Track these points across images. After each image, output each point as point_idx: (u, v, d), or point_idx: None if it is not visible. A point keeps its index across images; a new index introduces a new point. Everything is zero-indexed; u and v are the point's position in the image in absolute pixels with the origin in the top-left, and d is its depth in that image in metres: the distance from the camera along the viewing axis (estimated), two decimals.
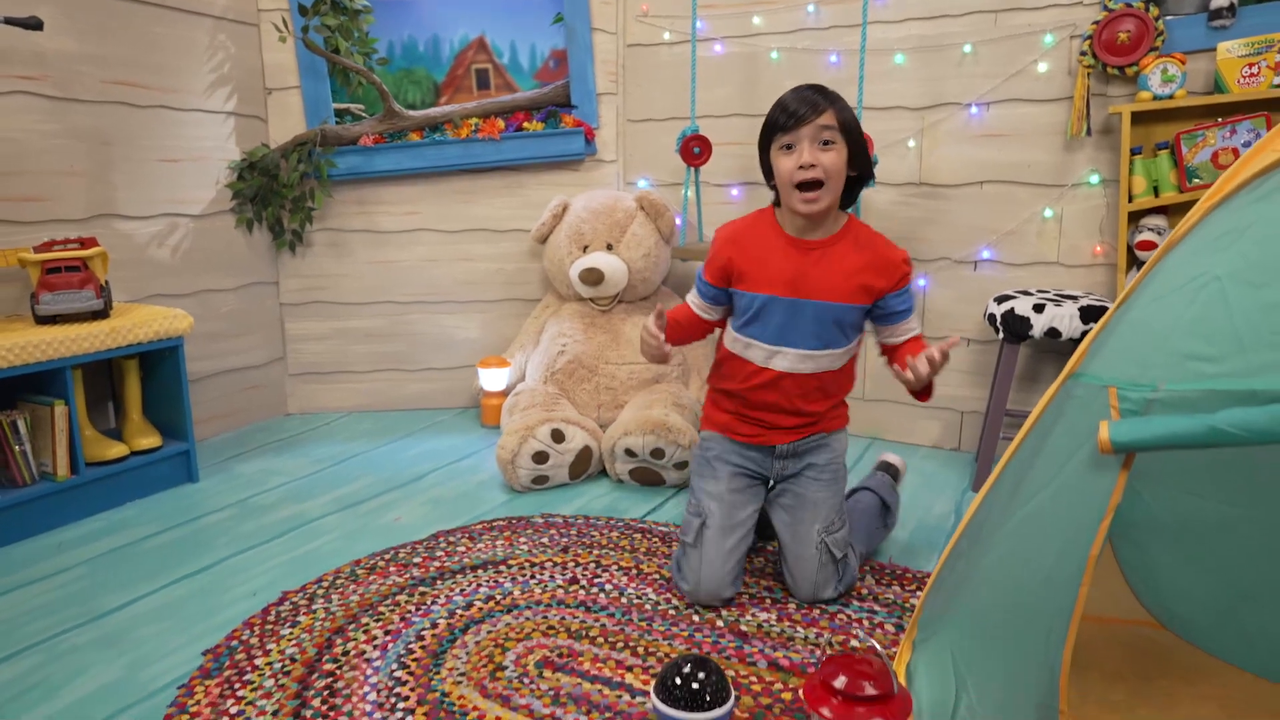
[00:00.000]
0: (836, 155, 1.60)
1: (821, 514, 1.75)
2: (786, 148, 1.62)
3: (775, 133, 1.63)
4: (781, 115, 1.62)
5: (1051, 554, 1.04)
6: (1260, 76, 2.15)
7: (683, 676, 1.29)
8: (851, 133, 1.63)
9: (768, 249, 1.71)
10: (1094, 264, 2.48)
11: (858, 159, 1.65)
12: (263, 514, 2.24)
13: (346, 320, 3.12)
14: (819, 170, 1.58)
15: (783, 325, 1.71)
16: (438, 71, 3.24)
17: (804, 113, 1.59)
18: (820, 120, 1.59)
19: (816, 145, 1.59)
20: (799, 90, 1.64)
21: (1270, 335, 0.92)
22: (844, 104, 1.64)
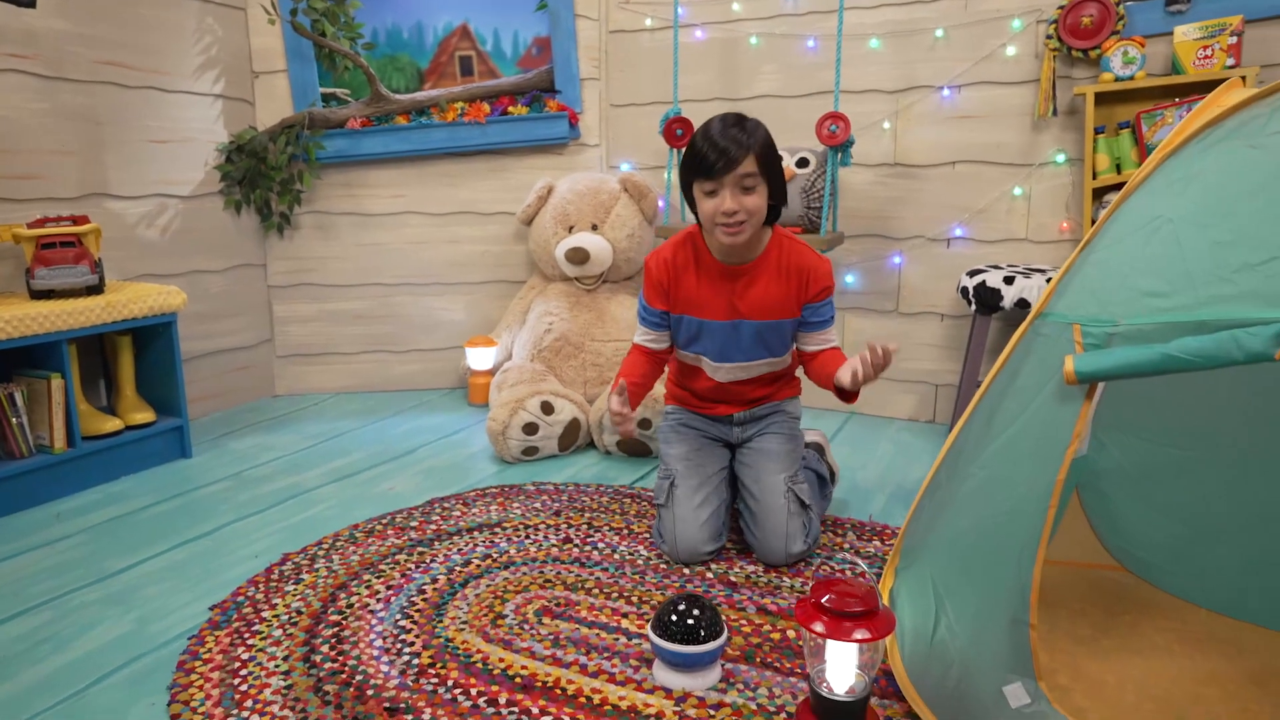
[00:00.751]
0: (757, 197, 1.64)
1: (785, 464, 1.83)
2: (709, 188, 1.64)
3: (698, 176, 1.64)
4: (704, 163, 1.61)
5: (1022, 481, 1.13)
6: (1214, 59, 2.26)
7: (678, 613, 1.36)
8: (770, 169, 1.65)
9: (701, 276, 1.77)
10: (1061, 240, 2.59)
11: (776, 191, 1.68)
12: (259, 485, 2.29)
13: (334, 302, 3.16)
14: (741, 214, 1.62)
15: (724, 344, 1.82)
16: (421, 58, 3.29)
17: (728, 162, 1.59)
18: (741, 169, 1.60)
19: (738, 190, 1.62)
20: (723, 129, 1.62)
21: (1217, 271, 1.01)
22: (762, 140, 1.64)
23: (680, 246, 1.81)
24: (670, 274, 1.80)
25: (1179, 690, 1.36)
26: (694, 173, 1.66)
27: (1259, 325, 0.95)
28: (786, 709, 1.32)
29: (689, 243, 1.81)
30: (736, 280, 1.76)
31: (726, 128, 1.63)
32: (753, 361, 1.84)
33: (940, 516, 1.23)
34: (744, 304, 1.77)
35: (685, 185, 1.72)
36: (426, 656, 1.46)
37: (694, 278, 1.79)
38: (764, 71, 2.92)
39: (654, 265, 1.82)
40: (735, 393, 1.89)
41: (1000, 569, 1.14)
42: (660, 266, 1.81)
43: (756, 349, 1.82)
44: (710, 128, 1.65)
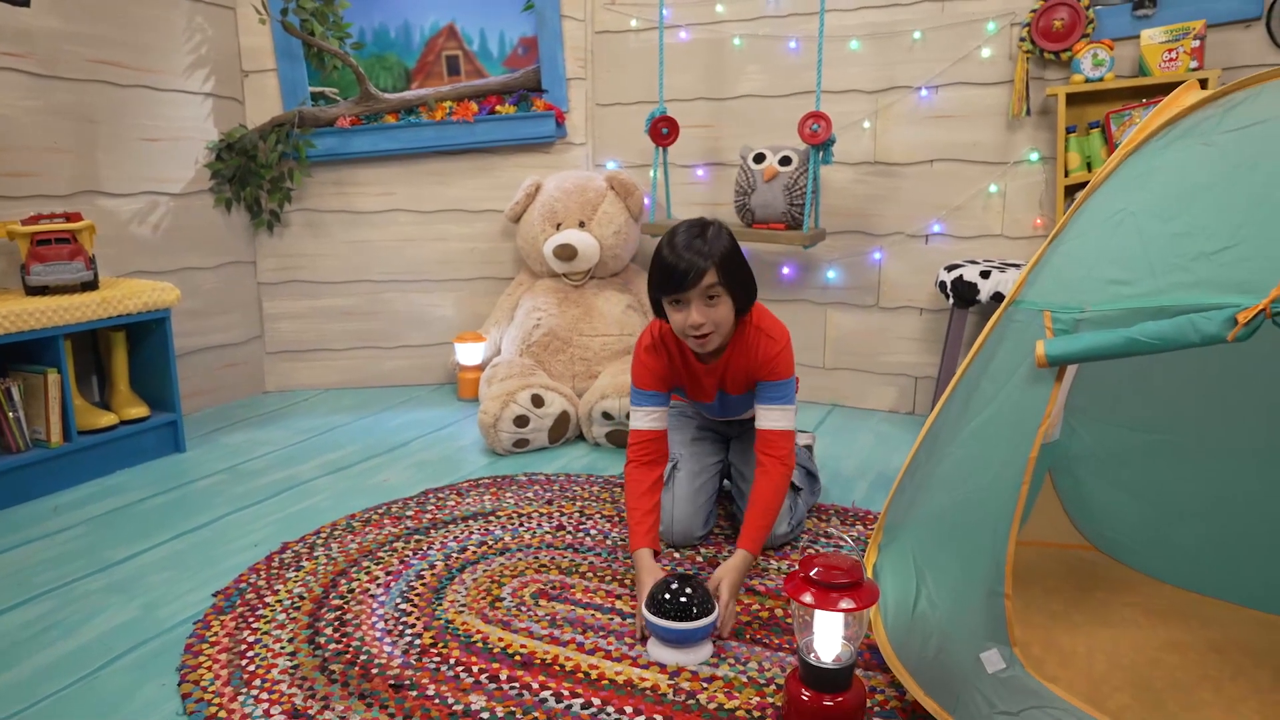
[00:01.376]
0: (723, 307, 1.66)
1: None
2: (676, 301, 1.67)
3: (664, 291, 1.67)
4: (670, 276, 1.63)
5: (997, 458, 1.19)
6: (1178, 61, 2.35)
7: (671, 592, 1.42)
8: (732, 276, 1.67)
9: (686, 368, 1.83)
10: (1034, 235, 2.67)
11: (740, 295, 1.70)
12: (254, 478, 2.32)
13: (323, 299, 3.19)
14: (708, 325, 1.65)
15: (714, 411, 1.96)
16: (409, 58, 3.33)
17: (693, 275, 1.61)
18: (704, 283, 1.62)
19: (703, 303, 1.64)
20: (686, 242, 1.64)
21: (1175, 259, 1.09)
22: (723, 250, 1.65)
23: (664, 340, 1.83)
24: (665, 369, 1.82)
25: (1144, 658, 1.44)
26: (660, 288, 1.68)
27: (1214, 310, 1.02)
28: (776, 681, 1.38)
29: (671, 338, 1.82)
30: (714, 372, 1.82)
31: (690, 239, 1.64)
32: (741, 415, 1.98)
33: (920, 495, 1.30)
34: (724, 384, 1.83)
35: (654, 299, 1.74)
36: (428, 637, 1.52)
37: (682, 368, 1.84)
38: (747, 72, 2.98)
39: (647, 358, 1.82)
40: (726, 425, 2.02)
41: (977, 543, 1.21)
42: (654, 359, 1.82)
43: (740, 408, 1.92)
44: (674, 240, 1.65)
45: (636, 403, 1.80)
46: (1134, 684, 1.37)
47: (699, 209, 3.11)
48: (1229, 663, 1.43)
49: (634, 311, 2.98)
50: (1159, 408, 1.66)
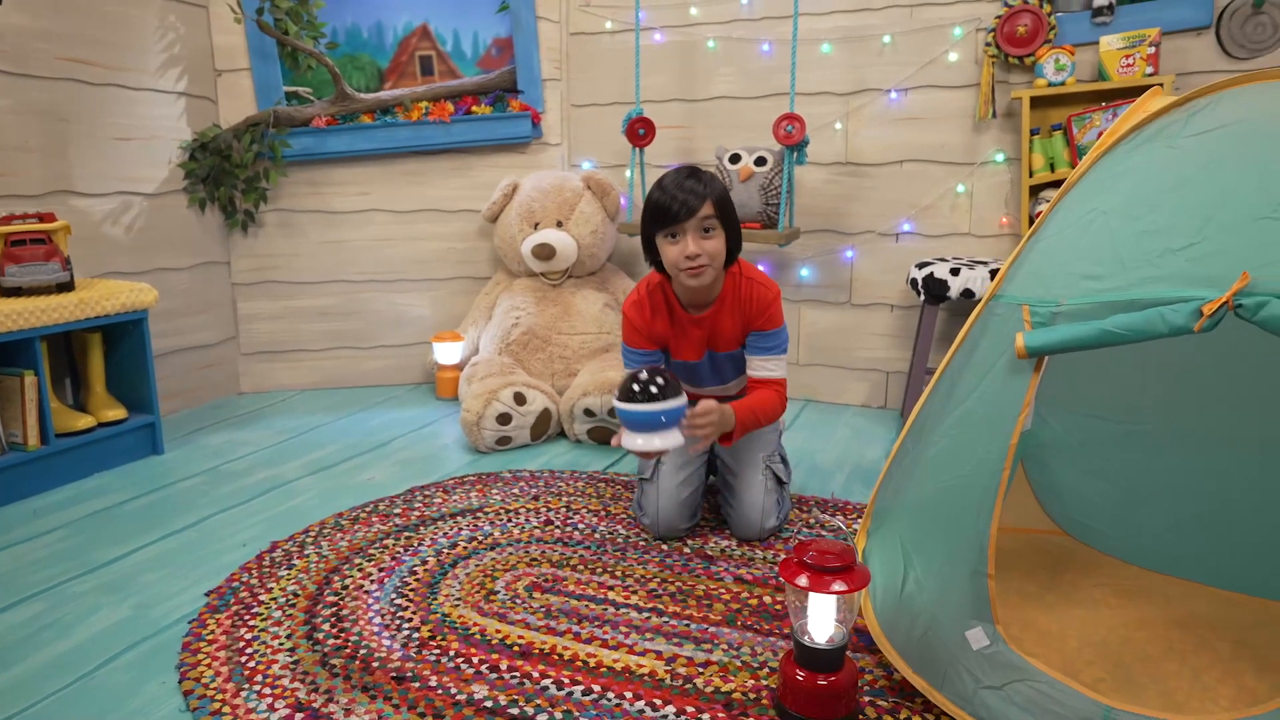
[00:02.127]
0: (717, 241, 1.73)
1: (762, 443, 1.95)
2: (671, 236, 1.73)
3: (661, 224, 1.73)
4: (667, 210, 1.70)
5: (980, 445, 1.26)
6: (1135, 66, 2.46)
7: (640, 381, 1.52)
8: (727, 214, 1.76)
9: (674, 324, 1.88)
10: (1000, 234, 2.76)
11: (732, 236, 1.78)
12: (237, 479, 2.32)
13: (299, 299, 3.18)
14: (704, 257, 1.72)
15: (699, 373, 1.97)
16: (382, 58, 3.33)
17: (690, 206, 1.69)
18: (702, 213, 1.70)
19: (699, 234, 1.71)
20: (680, 181, 1.72)
21: (1144, 256, 1.15)
22: (719, 188, 1.75)
23: (651, 294, 1.88)
24: (649, 323, 1.88)
25: (1114, 635, 1.51)
26: (656, 222, 1.73)
27: (1180, 303, 1.09)
28: (769, 664, 1.43)
29: (658, 291, 1.88)
30: (702, 325, 1.87)
31: (683, 179, 1.72)
32: (726, 384, 2.00)
33: (907, 481, 1.36)
34: (713, 340, 1.88)
35: (647, 237, 1.79)
36: (426, 630, 1.54)
37: (667, 324, 1.88)
38: (721, 74, 3.04)
39: (633, 313, 1.88)
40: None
41: (961, 526, 1.27)
42: (639, 314, 1.87)
43: (728, 373, 1.97)
44: (666, 181, 1.73)
45: (628, 364, 1.87)
46: (1106, 659, 1.44)
47: None
48: (1192, 636, 1.51)
49: (611, 310, 3.02)
50: (1125, 398, 1.74)
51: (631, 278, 3.17)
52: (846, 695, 1.28)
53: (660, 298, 1.87)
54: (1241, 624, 1.54)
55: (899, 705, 1.33)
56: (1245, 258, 1.07)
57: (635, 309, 1.88)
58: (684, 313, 1.86)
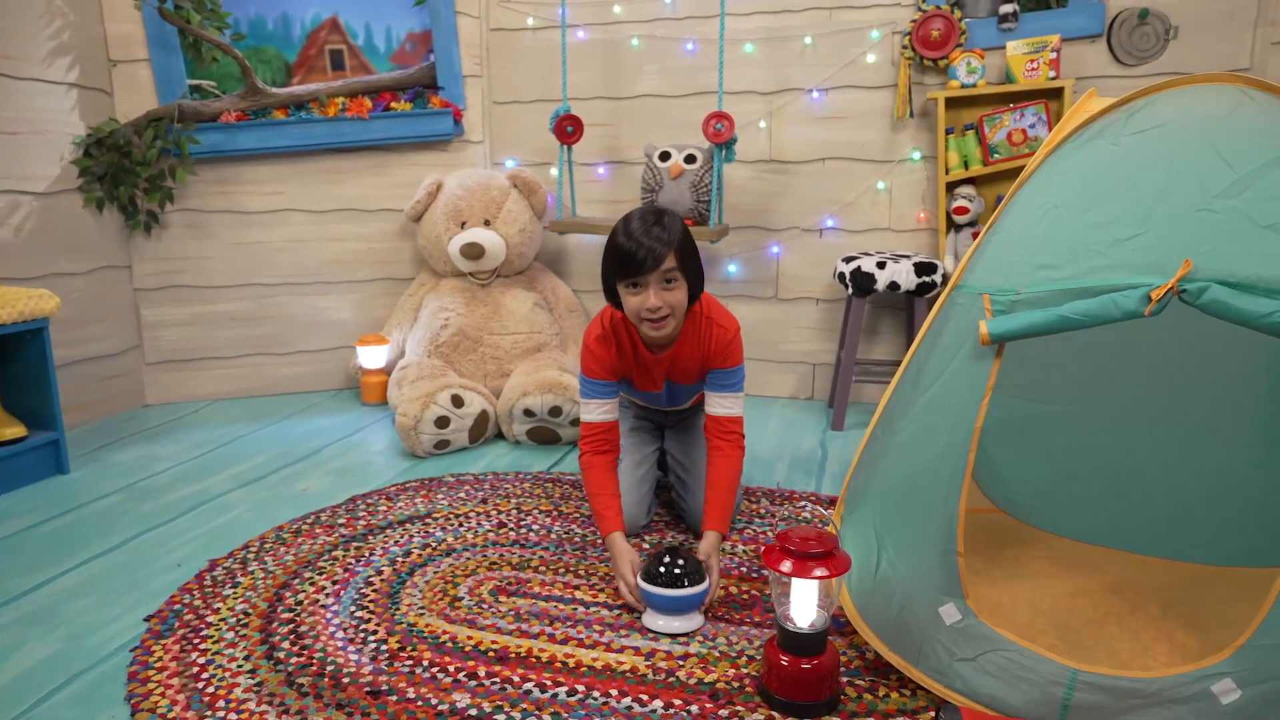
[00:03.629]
0: (679, 291, 1.69)
1: None
2: (633, 285, 1.68)
3: (622, 275, 1.68)
4: (629, 261, 1.65)
5: (946, 428, 1.31)
6: (1039, 71, 2.61)
7: (665, 564, 1.50)
8: (689, 262, 1.71)
9: (638, 360, 1.86)
10: (919, 229, 2.89)
11: (694, 281, 1.74)
12: (159, 495, 2.17)
13: (209, 305, 3.01)
14: (665, 309, 1.68)
15: (660, 401, 2.00)
16: (289, 51, 3.19)
17: (651, 261, 1.64)
18: (664, 267, 1.65)
19: (661, 286, 1.67)
20: (644, 229, 1.66)
21: (1095, 246, 1.23)
22: (681, 235, 1.69)
23: (615, 329, 1.85)
24: (613, 360, 1.84)
25: (1058, 604, 1.61)
26: (618, 273, 1.69)
27: (1130, 289, 1.17)
28: (746, 653, 1.46)
29: (621, 327, 1.84)
30: (664, 362, 1.86)
31: (648, 226, 1.66)
32: (681, 405, 2.03)
33: (877, 467, 1.41)
34: (673, 373, 1.88)
35: (608, 283, 1.75)
36: (394, 642, 1.49)
37: (631, 359, 1.87)
38: (645, 72, 3.05)
39: (597, 348, 1.83)
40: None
41: (931, 507, 1.32)
42: (604, 349, 1.83)
43: (684, 397, 1.99)
44: (631, 226, 1.67)
45: (587, 394, 1.82)
46: (1055, 626, 1.53)
47: (601, 206, 3.16)
48: (1125, 600, 1.62)
49: (541, 309, 2.99)
50: (1055, 381, 1.85)
51: (559, 276, 3.15)
52: (829, 678, 1.31)
53: (624, 333, 1.84)
54: (1166, 585, 1.66)
55: (876, 683, 1.38)
56: (1186, 246, 1.16)
57: (600, 344, 1.82)
58: (646, 352, 1.84)
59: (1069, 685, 1.24)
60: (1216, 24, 2.57)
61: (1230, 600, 1.59)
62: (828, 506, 2.08)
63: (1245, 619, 1.50)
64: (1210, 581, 1.67)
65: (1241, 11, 2.55)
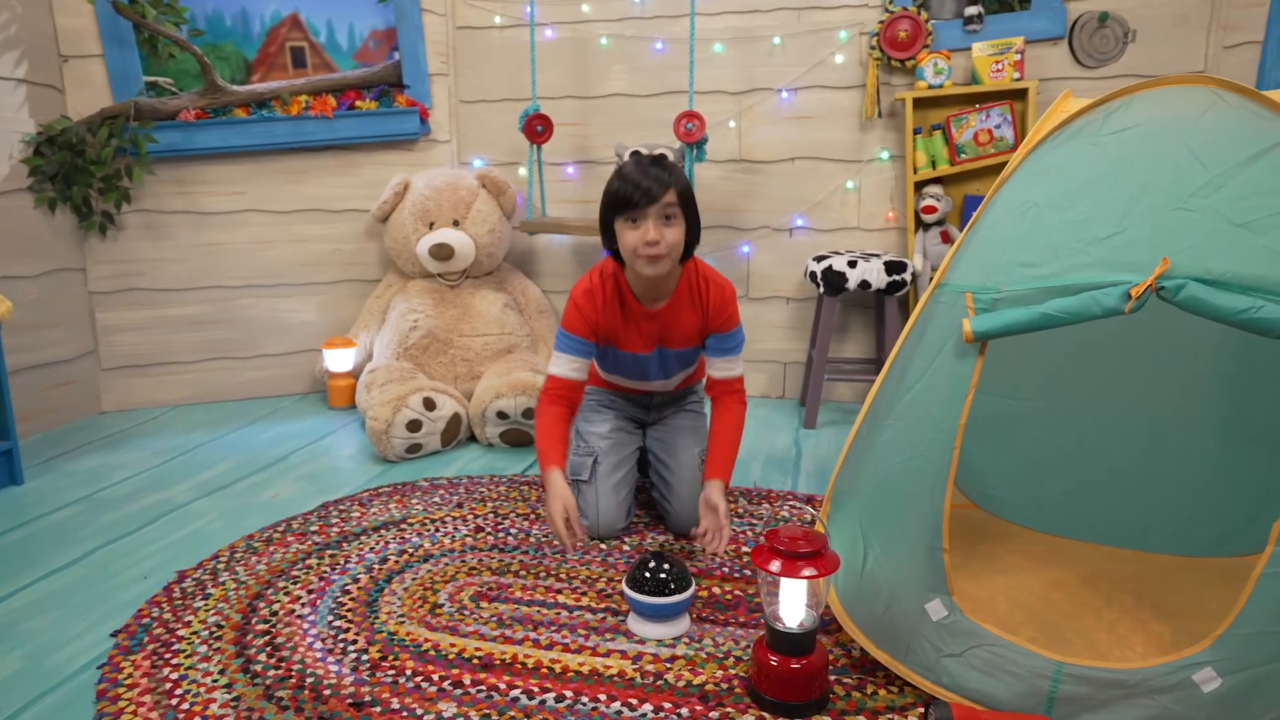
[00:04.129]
0: (677, 230, 1.71)
1: (697, 438, 1.98)
2: (632, 220, 1.70)
3: (622, 208, 1.70)
4: (630, 193, 1.68)
5: (931, 425, 1.32)
6: (1004, 72, 2.66)
7: (650, 570, 1.47)
8: (688, 205, 1.74)
9: (626, 316, 1.84)
10: (887, 228, 2.92)
11: (693, 227, 1.77)
12: (120, 506, 2.10)
13: (168, 308, 2.93)
14: (663, 245, 1.69)
15: (647, 369, 1.94)
16: (248, 48, 3.12)
17: (653, 192, 1.67)
18: (664, 200, 1.68)
19: (660, 221, 1.69)
20: (644, 166, 1.71)
21: (1075, 244, 1.25)
22: (682, 176, 1.74)
23: (604, 283, 1.83)
24: (599, 312, 1.83)
25: (1035, 597, 1.63)
26: (617, 207, 1.71)
27: (1110, 287, 1.19)
28: (733, 654, 1.45)
29: (611, 281, 1.83)
30: (657, 318, 1.85)
31: (647, 166, 1.70)
32: (670, 379, 2.00)
33: (863, 464, 1.41)
34: (667, 339, 1.87)
35: (606, 221, 1.76)
36: (375, 651, 1.46)
37: (619, 317, 1.85)
38: (614, 71, 3.04)
39: (584, 301, 1.82)
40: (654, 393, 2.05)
41: (916, 504, 1.33)
42: (589, 302, 1.82)
43: (675, 369, 1.96)
44: (631, 166, 1.71)
45: (561, 348, 1.82)
46: (1034, 619, 1.55)
47: (571, 206, 3.14)
48: (1099, 593, 1.65)
49: (511, 310, 2.96)
50: (1025, 376, 1.88)
51: (528, 277, 3.13)
52: (819, 677, 1.31)
53: (613, 287, 1.83)
54: (1137, 577, 1.69)
55: (864, 680, 1.38)
56: (1164, 245, 1.18)
57: (586, 297, 1.82)
58: (637, 304, 1.83)
59: (1054, 678, 1.25)
60: (1171, 28, 2.64)
61: (1199, 590, 1.63)
62: (805, 503, 2.08)
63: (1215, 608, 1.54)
64: (1179, 571, 1.71)
65: (1195, 16, 2.62)
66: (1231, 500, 1.74)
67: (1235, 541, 1.74)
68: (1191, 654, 1.19)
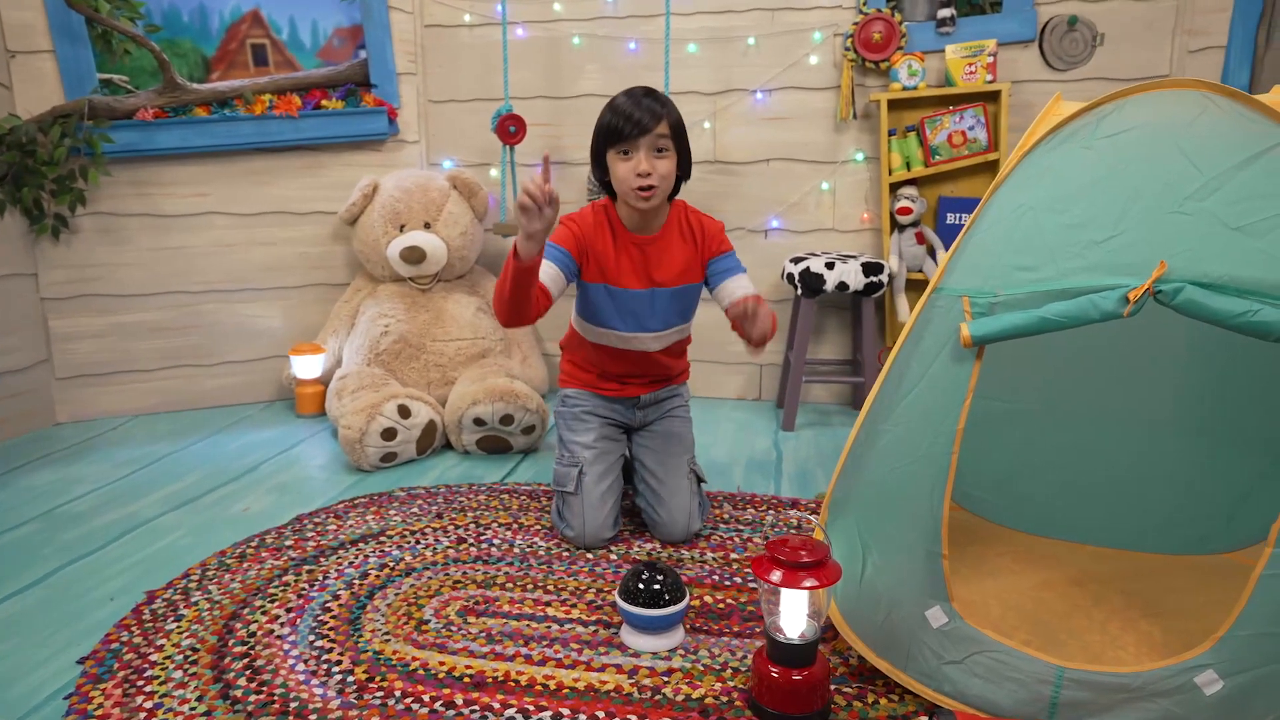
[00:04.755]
0: (669, 162, 1.74)
1: (685, 445, 1.95)
2: (624, 153, 1.72)
3: (614, 139, 1.72)
4: (622, 124, 1.69)
5: (929, 432, 1.31)
6: (977, 74, 2.67)
7: (644, 581, 1.44)
8: (681, 138, 1.77)
9: (617, 247, 1.83)
10: (862, 229, 2.92)
11: (683, 161, 1.80)
12: (81, 522, 2.01)
13: (126, 314, 2.82)
14: (655, 177, 1.71)
15: (639, 314, 1.86)
16: (206, 45, 3.02)
17: (644, 123, 1.68)
18: (657, 130, 1.70)
19: (652, 153, 1.71)
20: (636, 97, 1.72)
21: (1070, 248, 1.25)
22: (674, 110, 1.75)
23: (594, 216, 1.84)
24: (585, 230, 1.82)
25: (1026, 599, 1.63)
26: (609, 137, 1.72)
27: (1108, 290, 1.19)
28: (730, 665, 1.43)
29: (602, 213, 1.84)
30: (648, 250, 1.83)
31: (640, 97, 1.72)
32: (666, 330, 1.90)
33: (860, 471, 1.40)
34: (659, 272, 1.84)
35: (597, 154, 1.77)
36: (361, 672, 1.41)
37: (610, 246, 1.83)
38: (587, 71, 3.00)
39: (569, 220, 1.83)
40: (641, 367, 1.94)
41: (915, 510, 1.32)
42: (575, 222, 1.83)
43: (671, 316, 1.89)
44: (623, 98, 1.73)
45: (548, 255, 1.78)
46: (1027, 621, 1.55)
47: None
48: (1087, 593, 1.66)
49: (484, 314, 2.91)
50: (1006, 378, 1.89)
51: None
52: (821, 688, 1.30)
53: (604, 219, 1.83)
54: (1123, 576, 1.71)
55: (864, 689, 1.37)
56: (1160, 248, 1.18)
57: (570, 217, 1.83)
58: (628, 234, 1.82)
59: (1056, 683, 1.25)
60: (1139, 32, 2.68)
61: (1184, 588, 1.65)
62: (790, 507, 2.07)
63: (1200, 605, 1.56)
64: (1163, 570, 1.72)
65: (1161, 21, 2.67)
66: (1211, 500, 1.76)
67: (1215, 540, 1.76)
68: (1193, 656, 1.19)
